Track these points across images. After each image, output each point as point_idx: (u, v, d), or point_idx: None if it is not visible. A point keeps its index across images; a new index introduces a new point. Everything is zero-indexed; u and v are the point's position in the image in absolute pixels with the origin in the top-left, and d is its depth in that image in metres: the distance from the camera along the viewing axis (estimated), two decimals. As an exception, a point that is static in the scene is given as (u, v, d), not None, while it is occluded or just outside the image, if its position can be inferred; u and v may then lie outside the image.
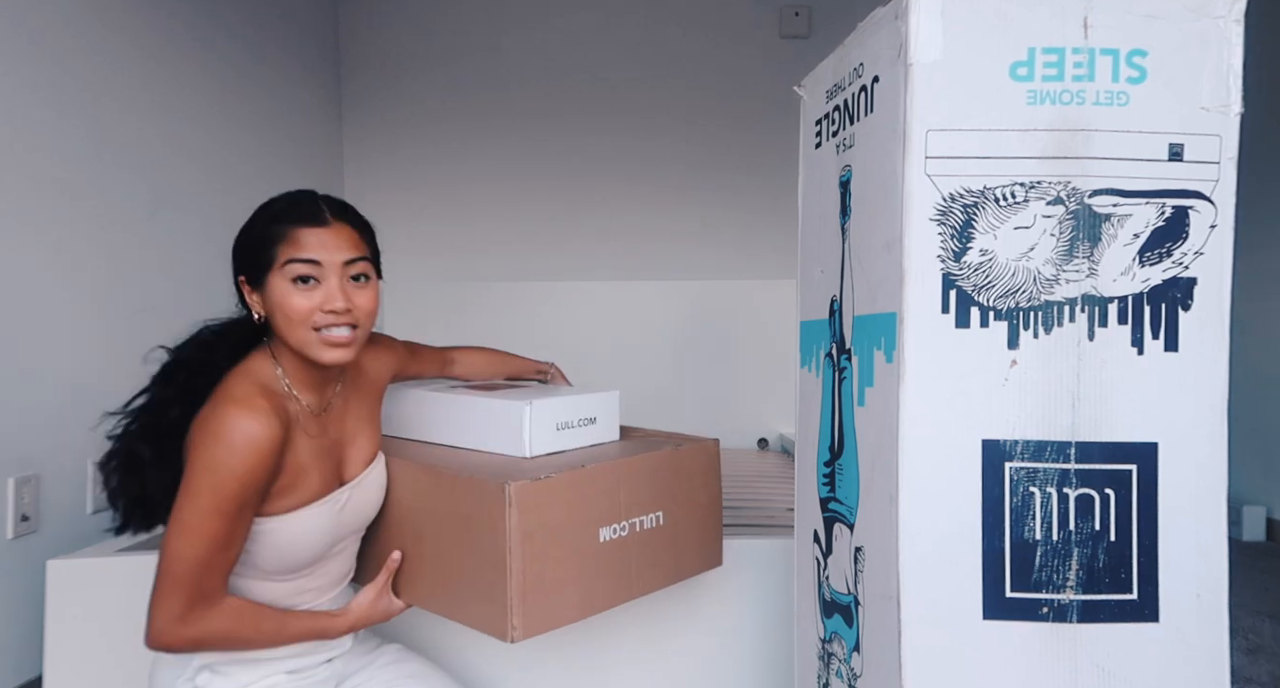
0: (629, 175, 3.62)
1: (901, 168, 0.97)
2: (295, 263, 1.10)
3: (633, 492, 1.28)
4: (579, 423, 1.38)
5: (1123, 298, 0.97)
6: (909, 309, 0.97)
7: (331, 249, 1.12)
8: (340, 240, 1.13)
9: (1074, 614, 0.97)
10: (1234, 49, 0.96)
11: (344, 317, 1.12)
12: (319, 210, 1.13)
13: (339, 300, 1.11)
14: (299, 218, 1.12)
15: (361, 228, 1.17)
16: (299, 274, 1.10)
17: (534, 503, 1.14)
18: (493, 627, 1.14)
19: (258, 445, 1.05)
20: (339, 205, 1.17)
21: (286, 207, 1.14)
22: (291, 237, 1.11)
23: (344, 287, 1.12)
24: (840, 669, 1.18)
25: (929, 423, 0.97)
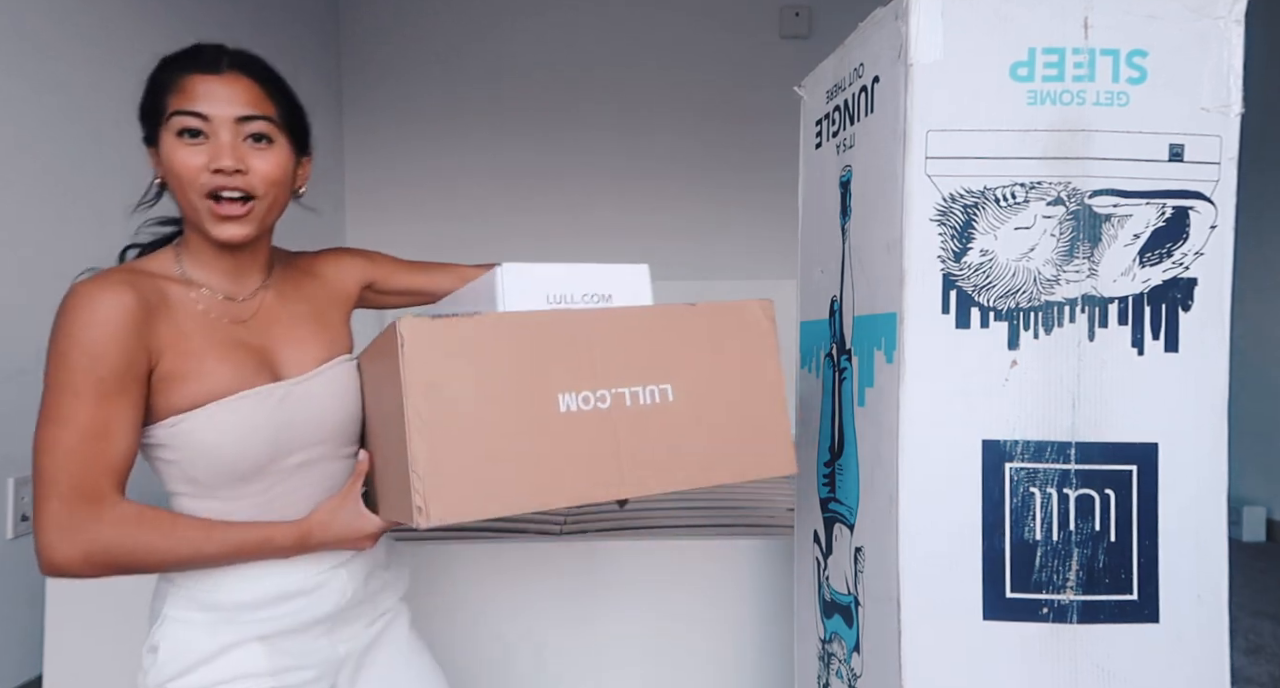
0: (629, 175, 3.62)
1: (902, 168, 0.97)
2: (181, 115, 0.96)
3: (615, 352, 1.00)
4: (584, 299, 1.08)
5: (1123, 298, 0.97)
6: (909, 309, 0.97)
7: (223, 102, 0.97)
8: (235, 93, 0.98)
9: (1074, 615, 0.97)
10: (1234, 49, 0.96)
11: (234, 179, 0.97)
12: (215, 58, 0.99)
13: (227, 157, 0.96)
14: (191, 64, 0.98)
15: (269, 82, 1.02)
16: (184, 127, 0.96)
17: (441, 349, 0.92)
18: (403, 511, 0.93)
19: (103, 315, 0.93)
20: (246, 58, 1.02)
21: (182, 53, 1.00)
22: (180, 85, 0.97)
23: (236, 145, 0.97)
24: (840, 670, 1.18)
25: (929, 423, 0.97)
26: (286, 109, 1.02)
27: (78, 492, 0.93)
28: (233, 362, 1.01)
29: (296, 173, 1.07)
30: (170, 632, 1.01)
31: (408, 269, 1.29)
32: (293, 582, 1.04)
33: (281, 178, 1.01)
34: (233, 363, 1.01)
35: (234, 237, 0.99)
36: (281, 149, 1.01)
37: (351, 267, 1.21)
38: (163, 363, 0.97)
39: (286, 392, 1.03)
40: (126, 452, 0.96)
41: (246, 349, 1.03)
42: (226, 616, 1.01)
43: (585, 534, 1.85)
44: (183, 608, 1.02)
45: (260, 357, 1.04)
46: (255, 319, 1.06)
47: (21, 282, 1.82)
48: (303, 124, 1.06)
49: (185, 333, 0.99)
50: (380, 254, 1.27)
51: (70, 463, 0.93)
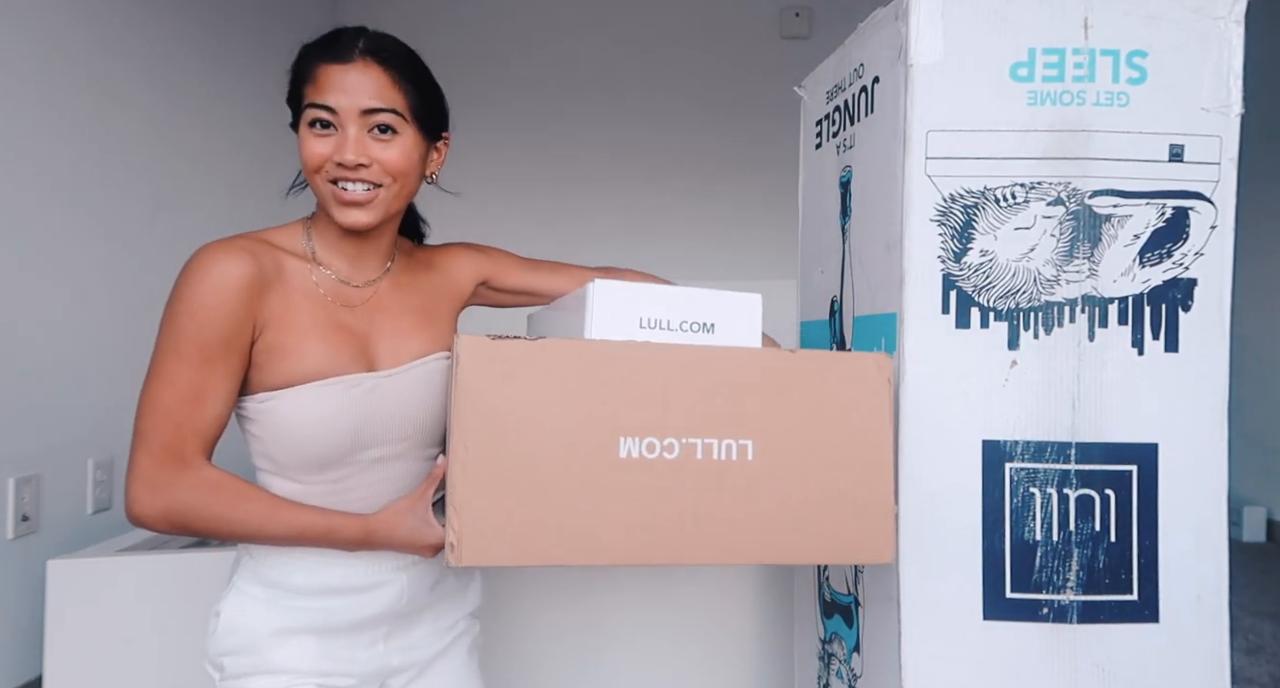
0: (629, 175, 3.62)
1: (902, 168, 0.97)
2: (311, 108, 0.98)
3: (692, 396, 0.87)
4: (683, 326, 0.94)
5: (1123, 299, 0.97)
6: (909, 310, 0.97)
7: (352, 92, 0.98)
8: (364, 83, 0.98)
9: (1074, 615, 0.97)
10: (1234, 50, 0.96)
11: (358, 172, 0.98)
12: (349, 46, 1.00)
13: (350, 152, 0.97)
14: (325, 53, 1.00)
15: (401, 70, 1.01)
16: (314, 119, 0.99)
17: (499, 371, 0.84)
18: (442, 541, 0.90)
19: (218, 280, 0.94)
20: (381, 44, 1.02)
21: (320, 40, 1.02)
22: (314, 75, 0.99)
23: (361, 138, 0.98)
24: (840, 670, 1.18)
25: (929, 423, 0.97)
26: (418, 96, 1.02)
27: (167, 451, 0.94)
28: (332, 345, 1.01)
29: (429, 158, 1.09)
30: (233, 602, 1.03)
31: (524, 268, 1.28)
32: (352, 577, 1.03)
33: (406, 168, 1.01)
34: (332, 346, 1.01)
35: (357, 222, 1.00)
36: (408, 139, 1.01)
37: (468, 262, 1.22)
38: (266, 335, 0.98)
39: (376, 384, 1.02)
40: (218, 418, 0.97)
41: (348, 334, 1.03)
42: (284, 598, 1.02)
43: (585, 534, 1.84)
44: (248, 582, 1.03)
45: (360, 344, 1.04)
46: (365, 306, 1.06)
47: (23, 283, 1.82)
48: (436, 110, 1.07)
49: (294, 308, 1.00)
50: (499, 251, 1.28)
51: (164, 422, 0.94)
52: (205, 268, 0.95)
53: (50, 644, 1.57)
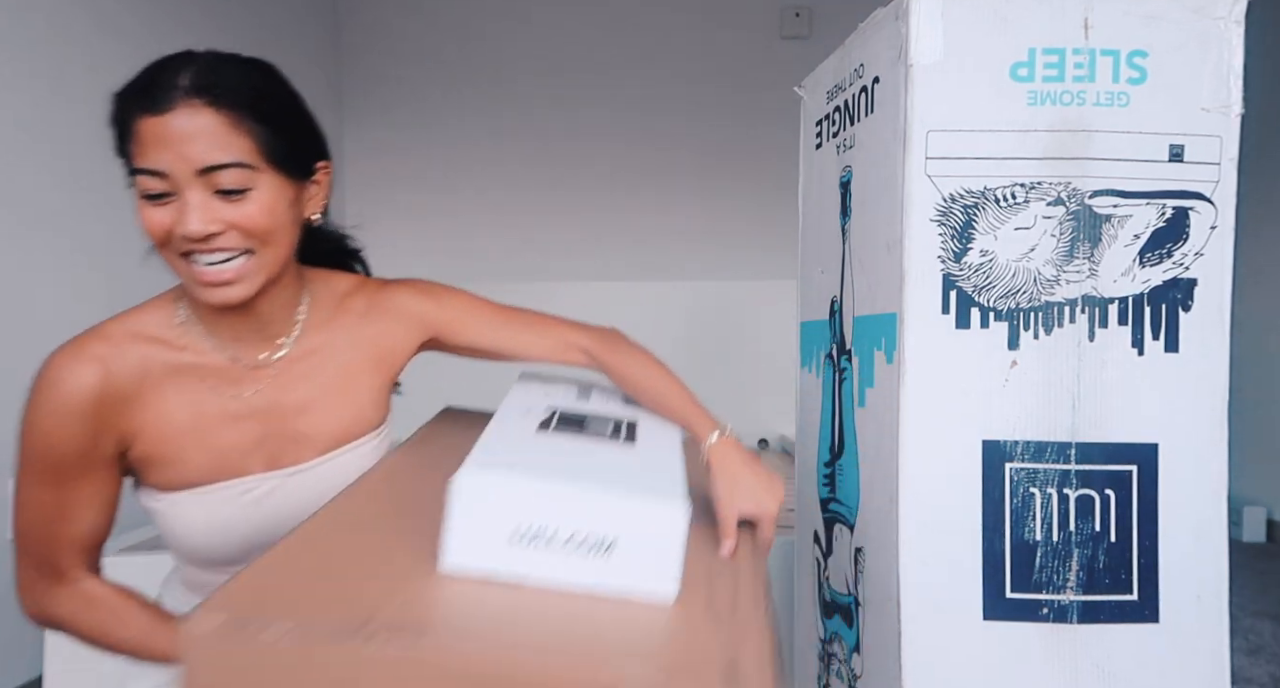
0: (629, 176, 3.62)
1: (902, 168, 0.97)
2: (138, 174, 0.78)
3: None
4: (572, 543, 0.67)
5: (1123, 299, 0.97)
6: (909, 310, 0.97)
7: (180, 149, 0.76)
8: (195, 134, 0.76)
9: (1074, 615, 0.97)
10: (1234, 50, 0.96)
11: (211, 244, 0.78)
12: (166, 89, 0.76)
13: (194, 222, 0.76)
14: (140, 100, 0.77)
15: (241, 106, 0.78)
16: (144, 190, 0.78)
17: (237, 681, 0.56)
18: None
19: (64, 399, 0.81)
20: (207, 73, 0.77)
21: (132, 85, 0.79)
22: (135, 132, 0.77)
23: (206, 202, 0.77)
24: (840, 670, 1.18)
25: (929, 424, 0.97)
26: (271, 134, 0.80)
27: (41, 566, 0.86)
28: (216, 448, 0.87)
29: (304, 198, 0.88)
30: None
31: (486, 321, 1.01)
32: None
33: (272, 225, 0.81)
34: (216, 449, 0.87)
35: (227, 300, 0.82)
36: (266, 190, 0.80)
37: (412, 313, 0.97)
38: (135, 446, 0.86)
39: (277, 485, 0.89)
40: (94, 528, 0.87)
41: (241, 428, 0.88)
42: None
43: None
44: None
45: (258, 436, 0.89)
46: (267, 385, 0.89)
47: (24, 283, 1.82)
48: (303, 142, 0.86)
49: (165, 412, 0.85)
50: (459, 297, 1.01)
51: (34, 541, 0.85)
52: (50, 385, 0.83)
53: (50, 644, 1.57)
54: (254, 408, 0.88)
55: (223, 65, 0.79)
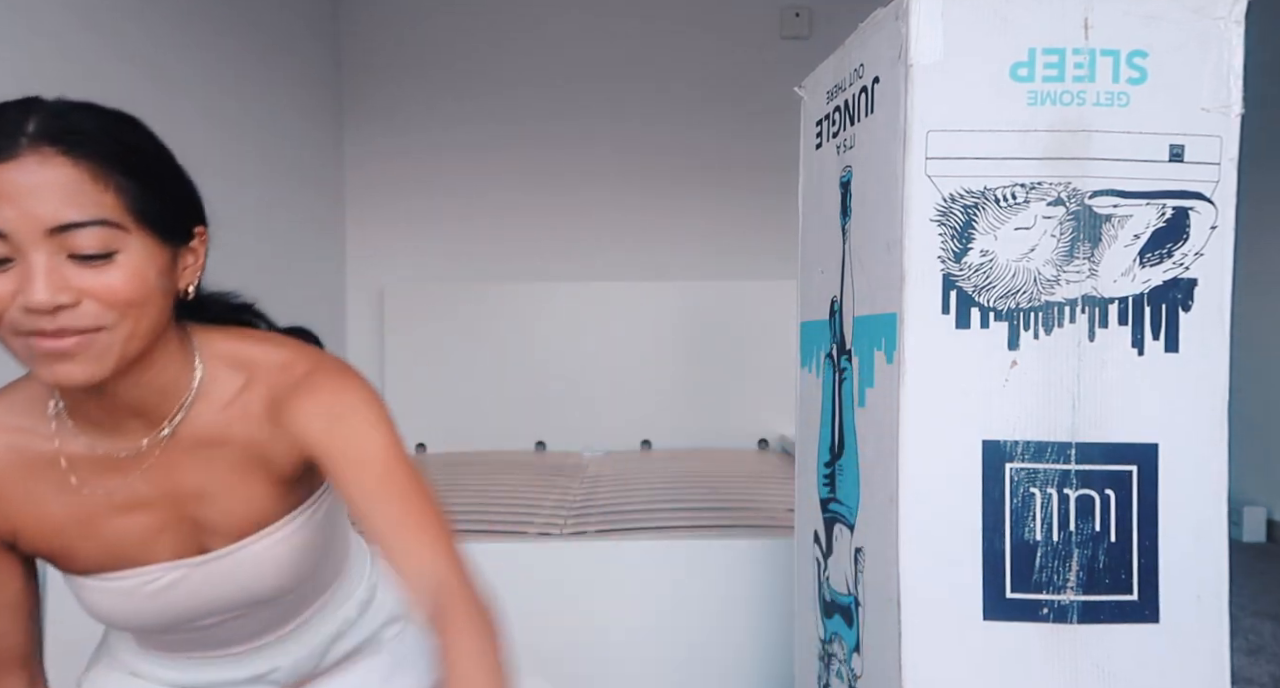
0: (629, 176, 3.62)
1: (902, 168, 0.97)
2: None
3: None
4: None
5: (1123, 299, 0.97)
6: (909, 310, 0.97)
7: (23, 203, 0.63)
8: (46, 186, 0.63)
9: (1074, 615, 0.97)
10: (1234, 50, 0.96)
11: (59, 318, 0.65)
12: (12, 132, 0.64)
13: (39, 290, 0.63)
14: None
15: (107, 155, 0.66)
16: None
17: None
18: None
19: None
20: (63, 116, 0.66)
21: None
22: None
23: (56, 267, 0.64)
24: (840, 670, 1.18)
25: (929, 424, 0.97)
26: (140, 188, 0.67)
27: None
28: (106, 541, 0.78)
29: (179, 266, 0.74)
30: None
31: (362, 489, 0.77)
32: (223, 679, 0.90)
33: (138, 295, 0.67)
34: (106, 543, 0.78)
35: (71, 378, 0.67)
36: (134, 254, 0.67)
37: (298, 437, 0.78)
38: (19, 541, 0.78)
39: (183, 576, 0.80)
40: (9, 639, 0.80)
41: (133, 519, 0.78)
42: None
43: (585, 535, 1.85)
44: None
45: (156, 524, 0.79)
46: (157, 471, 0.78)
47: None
48: (178, 200, 0.73)
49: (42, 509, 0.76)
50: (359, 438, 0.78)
51: None
52: None
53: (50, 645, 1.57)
54: (143, 497, 0.78)
55: (79, 111, 0.67)
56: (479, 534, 1.84)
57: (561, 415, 3.37)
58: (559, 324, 3.45)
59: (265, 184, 2.87)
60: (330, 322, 3.48)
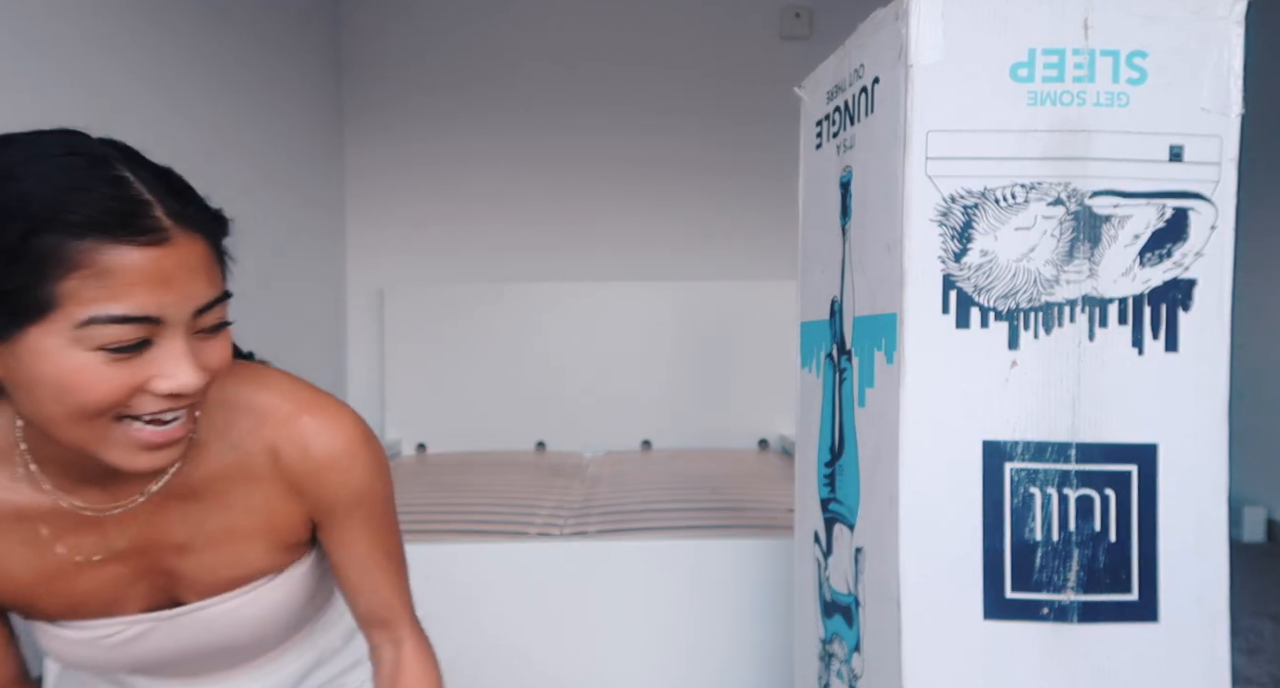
0: (629, 176, 3.62)
1: (902, 169, 0.97)
2: (111, 325, 0.58)
3: None
4: None
5: (1123, 299, 0.97)
6: (909, 310, 0.97)
7: (185, 287, 0.61)
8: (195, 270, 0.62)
9: (1074, 615, 0.97)
10: (1234, 50, 0.96)
11: (183, 401, 0.63)
12: (148, 213, 0.60)
13: (190, 375, 0.62)
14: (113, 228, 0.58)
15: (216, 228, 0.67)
16: (115, 342, 0.59)
17: None
18: None
19: None
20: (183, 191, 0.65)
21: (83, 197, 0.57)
22: (97, 266, 0.57)
23: (191, 347, 0.63)
24: (841, 670, 1.18)
25: (929, 424, 0.97)
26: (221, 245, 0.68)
27: None
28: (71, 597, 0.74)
29: None
30: None
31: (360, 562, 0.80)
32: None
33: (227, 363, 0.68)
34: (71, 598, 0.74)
35: (159, 465, 0.65)
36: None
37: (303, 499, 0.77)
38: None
39: (149, 629, 0.77)
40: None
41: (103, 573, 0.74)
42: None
43: (585, 535, 1.85)
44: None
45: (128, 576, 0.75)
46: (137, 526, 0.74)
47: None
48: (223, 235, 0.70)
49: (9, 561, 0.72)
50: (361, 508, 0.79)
51: None
52: None
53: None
54: (118, 550, 0.74)
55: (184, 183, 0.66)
56: (479, 534, 1.84)
57: (561, 415, 3.37)
58: (559, 324, 3.45)
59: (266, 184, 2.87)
60: (330, 322, 3.49)
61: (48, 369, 0.58)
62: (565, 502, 2.19)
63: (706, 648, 1.69)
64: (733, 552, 1.71)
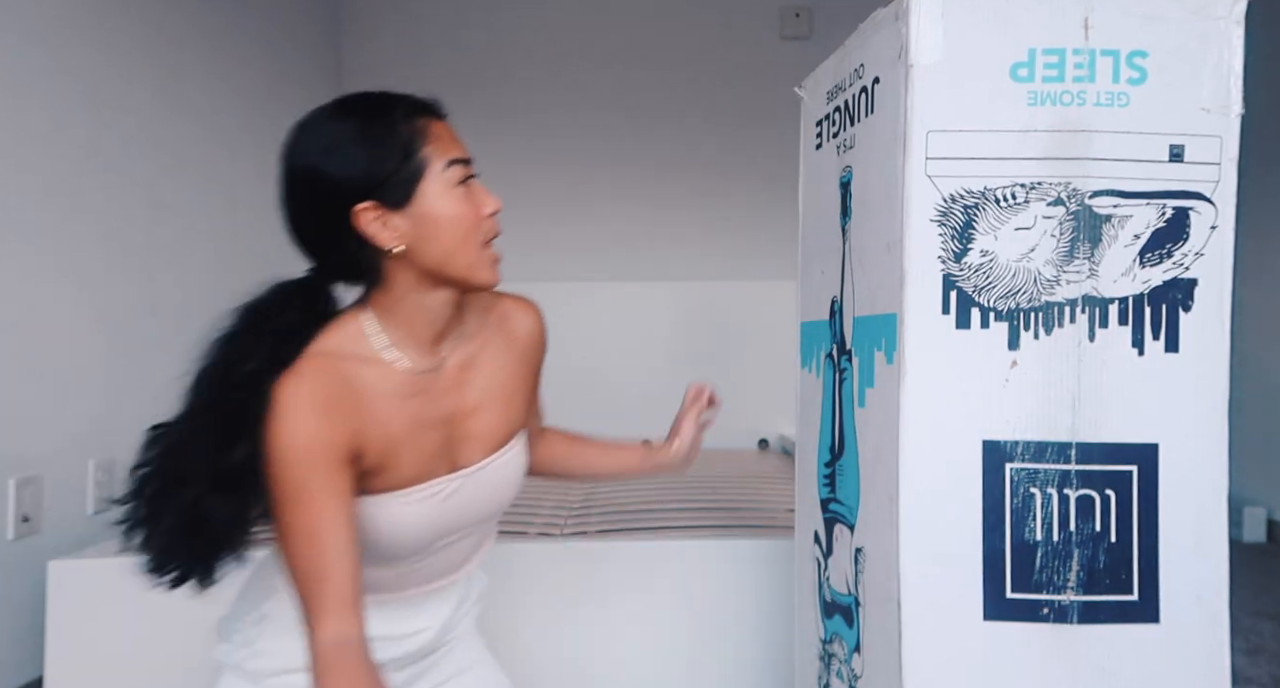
0: (629, 176, 3.62)
1: (902, 169, 0.97)
2: (458, 164, 0.90)
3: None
4: None
5: (1123, 299, 0.97)
6: (909, 310, 0.97)
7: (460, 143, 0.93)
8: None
9: (1074, 615, 0.97)
10: (1234, 50, 0.96)
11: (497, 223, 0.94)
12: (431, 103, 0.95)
13: (496, 199, 0.92)
14: (425, 109, 0.93)
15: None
16: (464, 176, 0.90)
17: None
18: None
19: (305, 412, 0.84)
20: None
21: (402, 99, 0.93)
22: (435, 133, 0.90)
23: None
24: (841, 670, 1.18)
25: (929, 424, 0.97)
26: None
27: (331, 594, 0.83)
28: (419, 454, 0.93)
29: None
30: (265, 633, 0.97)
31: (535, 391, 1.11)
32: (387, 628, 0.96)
33: None
34: (419, 456, 0.93)
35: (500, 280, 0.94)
36: None
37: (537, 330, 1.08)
38: (364, 459, 0.89)
39: (460, 485, 0.96)
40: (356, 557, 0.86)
41: (433, 433, 0.94)
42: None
43: (586, 535, 1.85)
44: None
45: (442, 438, 0.95)
46: (440, 392, 0.96)
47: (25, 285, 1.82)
48: None
49: (385, 424, 0.89)
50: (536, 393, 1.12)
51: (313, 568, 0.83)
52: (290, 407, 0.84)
53: (51, 645, 1.57)
54: (441, 414, 0.95)
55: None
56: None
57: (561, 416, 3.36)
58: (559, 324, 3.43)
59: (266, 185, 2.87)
60: (330, 322, 3.48)
61: (439, 206, 0.88)
62: (565, 502, 2.19)
63: (706, 648, 1.69)
64: (733, 552, 1.70)
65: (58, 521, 1.88)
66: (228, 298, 1.20)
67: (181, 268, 2.32)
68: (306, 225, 0.94)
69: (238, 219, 2.66)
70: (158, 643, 1.58)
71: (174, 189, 2.36)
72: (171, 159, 2.36)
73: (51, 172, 1.92)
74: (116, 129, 2.14)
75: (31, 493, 1.80)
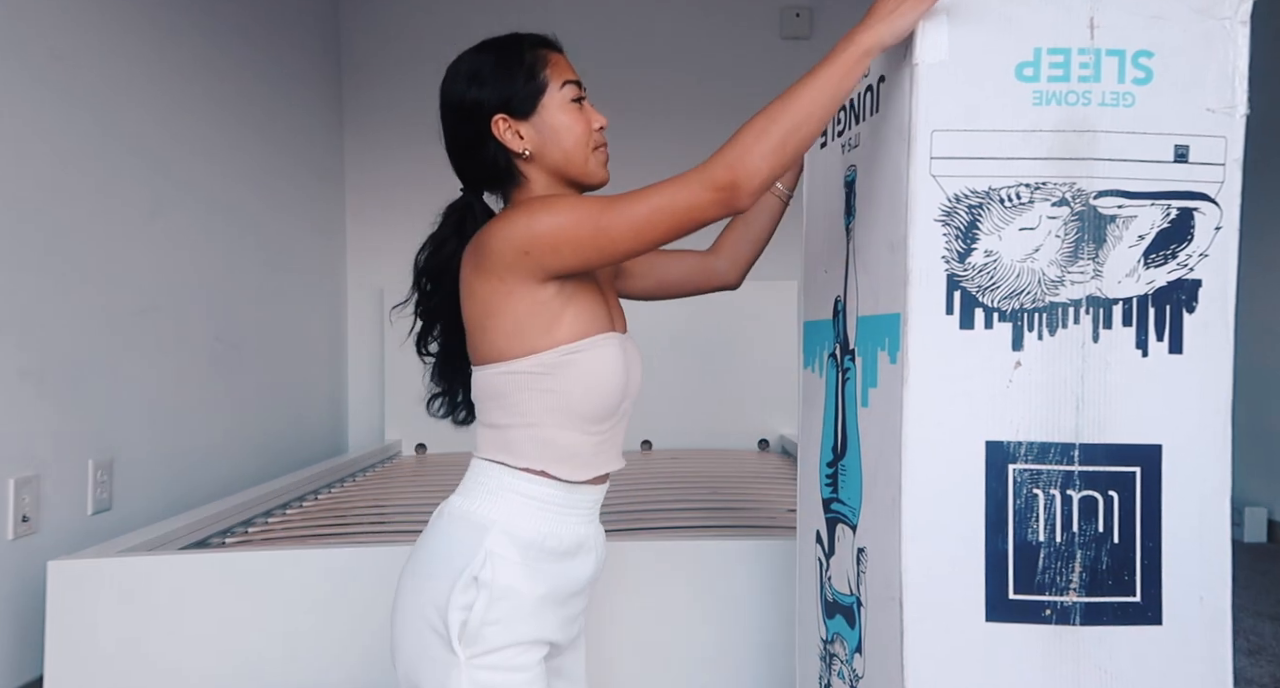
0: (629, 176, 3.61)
1: (907, 168, 0.97)
2: (571, 85, 1.10)
3: None
4: None
5: (1127, 300, 0.97)
6: (913, 310, 0.97)
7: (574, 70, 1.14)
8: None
9: (1077, 617, 0.97)
10: (1239, 51, 0.96)
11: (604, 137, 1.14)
12: (550, 39, 1.17)
13: (603, 116, 1.13)
14: (546, 43, 1.15)
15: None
16: (577, 95, 1.10)
17: None
18: None
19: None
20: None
21: (529, 35, 1.17)
22: (554, 61, 1.12)
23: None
24: (842, 670, 1.17)
25: (932, 424, 0.97)
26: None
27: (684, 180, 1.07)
28: (602, 303, 1.10)
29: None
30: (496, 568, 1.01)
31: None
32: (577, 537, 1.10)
33: None
34: (603, 303, 1.10)
35: (609, 178, 1.15)
36: None
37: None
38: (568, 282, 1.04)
39: (627, 344, 1.13)
40: None
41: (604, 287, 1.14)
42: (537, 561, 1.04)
43: (586, 535, 1.84)
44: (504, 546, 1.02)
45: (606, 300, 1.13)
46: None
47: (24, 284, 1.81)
48: None
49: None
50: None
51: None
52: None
53: (50, 645, 1.57)
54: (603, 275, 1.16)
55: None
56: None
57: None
58: (559, 324, 3.44)
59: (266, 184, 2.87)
60: (330, 322, 3.48)
61: (560, 118, 1.09)
62: (566, 502, 2.18)
63: (707, 648, 1.69)
64: (733, 552, 1.70)
65: (57, 521, 1.87)
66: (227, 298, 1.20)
67: (181, 266, 2.32)
68: (460, 142, 1.13)
69: (239, 217, 2.66)
70: (157, 643, 1.58)
71: (175, 188, 2.35)
72: (171, 159, 2.36)
73: (51, 170, 1.91)
74: (116, 128, 2.14)
75: (31, 493, 1.80)
